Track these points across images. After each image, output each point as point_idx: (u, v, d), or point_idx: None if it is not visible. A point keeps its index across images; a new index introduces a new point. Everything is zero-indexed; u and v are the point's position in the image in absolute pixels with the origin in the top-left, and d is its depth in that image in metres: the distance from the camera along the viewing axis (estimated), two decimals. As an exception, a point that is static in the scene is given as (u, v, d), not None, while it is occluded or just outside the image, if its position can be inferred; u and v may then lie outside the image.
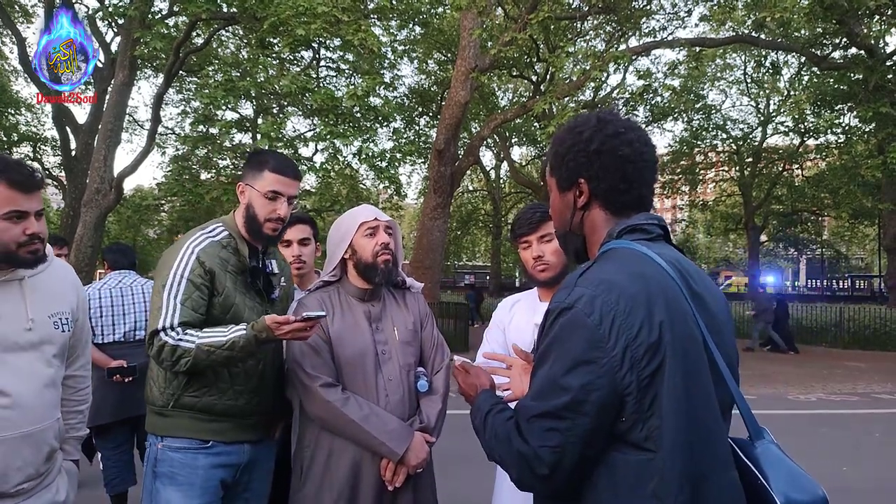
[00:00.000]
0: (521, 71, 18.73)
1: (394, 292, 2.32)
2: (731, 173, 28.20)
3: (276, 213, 2.12)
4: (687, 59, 17.29)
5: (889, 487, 4.90)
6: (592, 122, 1.32)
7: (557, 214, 1.41)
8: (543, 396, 1.16)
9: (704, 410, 1.14)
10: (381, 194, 24.45)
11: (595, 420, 1.12)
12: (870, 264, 45.96)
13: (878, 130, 13.87)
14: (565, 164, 1.34)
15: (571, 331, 1.15)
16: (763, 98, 26.31)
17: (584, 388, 1.11)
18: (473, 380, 1.54)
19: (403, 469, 2.04)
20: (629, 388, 1.11)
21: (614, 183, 1.29)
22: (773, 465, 1.17)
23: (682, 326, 1.14)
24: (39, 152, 21.47)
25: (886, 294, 21.84)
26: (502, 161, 28.54)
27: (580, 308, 1.14)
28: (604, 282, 1.16)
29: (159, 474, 2.04)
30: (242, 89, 12.02)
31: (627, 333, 1.11)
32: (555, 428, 1.14)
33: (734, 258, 45.48)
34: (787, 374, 11.21)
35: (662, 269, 1.20)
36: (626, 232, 1.28)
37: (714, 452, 1.14)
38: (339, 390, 2.07)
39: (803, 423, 7.32)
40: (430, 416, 2.16)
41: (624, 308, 1.12)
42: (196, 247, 2.06)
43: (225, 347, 1.92)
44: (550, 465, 1.14)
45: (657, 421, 1.10)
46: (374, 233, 2.18)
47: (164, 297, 1.98)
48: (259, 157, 2.20)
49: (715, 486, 1.12)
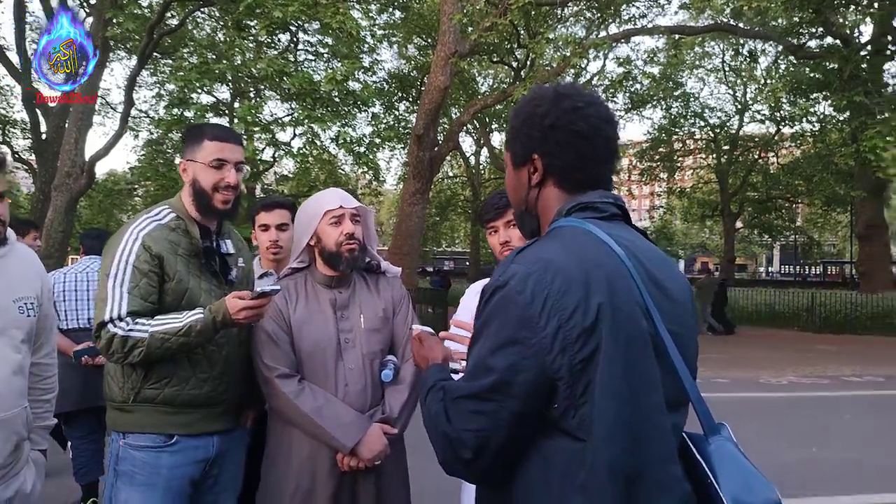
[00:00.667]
0: (502, 57, 18.67)
1: (367, 277, 2.26)
2: (708, 161, 28.53)
3: (226, 181, 2.01)
4: (666, 47, 17.38)
5: (857, 468, 5.02)
6: (549, 96, 1.24)
7: (512, 192, 1.34)
8: (471, 376, 1.11)
9: (645, 401, 1.05)
10: (359, 180, 24.29)
11: (522, 403, 1.06)
12: (842, 251, 46.83)
13: (852, 119, 14.08)
14: (519, 138, 1.27)
15: (502, 309, 1.09)
16: (740, 86, 26.59)
17: (511, 368, 1.05)
18: (426, 352, 1.47)
19: (358, 462, 2.00)
20: (560, 373, 1.04)
21: (569, 160, 1.22)
22: (726, 463, 1.09)
23: (625, 312, 1.06)
24: (8, 135, 20.94)
25: (857, 280, 22.30)
26: (482, 147, 28.52)
27: (512, 286, 1.08)
28: (540, 260, 1.09)
29: (120, 473, 1.94)
30: (218, 72, 11.82)
31: (560, 314, 1.04)
32: (479, 411, 1.08)
33: (710, 244, 46.05)
34: (760, 357, 11.41)
35: (610, 248, 1.11)
36: (576, 209, 1.21)
37: (654, 446, 1.06)
38: (296, 381, 2.02)
39: (775, 406, 7.47)
40: (393, 407, 2.10)
41: (559, 288, 1.05)
42: (140, 231, 1.95)
43: (180, 333, 1.83)
44: (474, 450, 1.08)
45: (589, 409, 1.04)
46: (339, 221, 2.11)
47: (109, 286, 1.86)
48: (195, 129, 2.11)
49: (652, 482, 1.05)
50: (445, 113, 19.16)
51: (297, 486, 2.00)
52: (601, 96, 1.28)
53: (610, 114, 1.25)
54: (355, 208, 2.16)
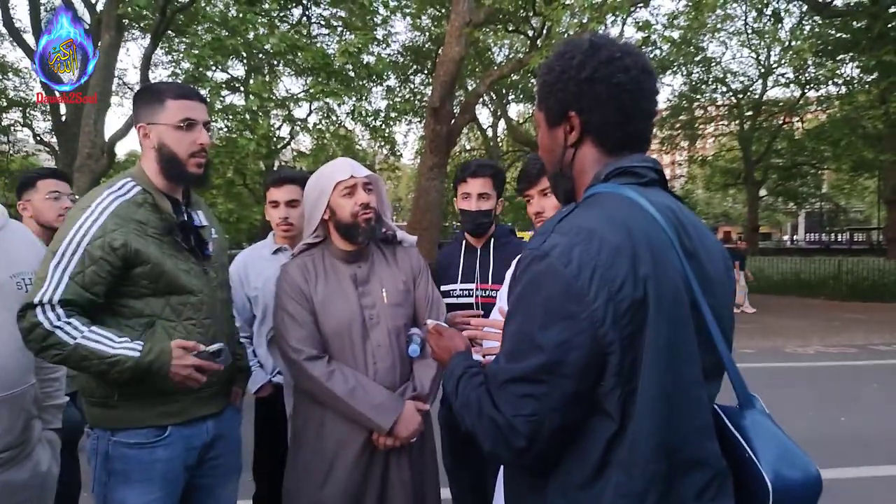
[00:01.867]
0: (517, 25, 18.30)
1: (384, 249, 2.20)
2: (730, 127, 27.98)
3: (199, 143, 1.84)
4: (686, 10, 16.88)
5: (887, 437, 4.94)
6: (584, 47, 1.15)
7: (546, 153, 1.26)
8: (515, 357, 1.04)
9: (687, 376, 1.02)
10: (377, 155, 24.19)
11: (575, 383, 1.00)
12: (869, 217, 45.89)
13: (881, 80, 13.65)
14: (553, 94, 1.18)
15: (545, 282, 1.01)
16: (763, 49, 25.88)
17: (561, 345, 0.98)
18: (447, 342, 1.42)
19: (395, 441, 1.98)
20: (612, 347, 0.98)
21: (609, 116, 1.13)
22: (763, 437, 1.04)
23: (668, 283, 1.01)
24: (29, 117, 21.16)
25: (885, 246, 21.83)
26: (499, 119, 28.18)
27: (555, 257, 1.01)
28: (584, 229, 1.02)
29: (113, 472, 1.81)
30: (231, 48, 11.74)
31: (610, 286, 0.98)
32: (530, 394, 1.01)
33: (733, 213, 45.38)
34: (786, 326, 11.25)
35: (652, 217, 1.06)
36: (614, 174, 1.14)
37: (692, 420, 1.03)
38: (325, 363, 1.98)
39: (801, 376, 7.34)
40: (423, 383, 2.07)
41: (606, 259, 0.99)
42: (103, 210, 1.74)
43: (106, 360, 1.65)
44: (528, 437, 1.01)
45: (634, 385, 0.99)
46: (351, 192, 2.04)
47: (52, 265, 1.66)
48: (150, 89, 1.88)
49: (690, 457, 1.02)
50: (461, 85, 18.92)
51: (330, 465, 1.98)
52: (637, 46, 1.18)
53: (650, 65, 1.16)
54: (366, 177, 2.09)
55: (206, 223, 2.01)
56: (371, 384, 1.99)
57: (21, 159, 24.01)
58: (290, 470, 2.08)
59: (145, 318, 1.79)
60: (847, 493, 3.91)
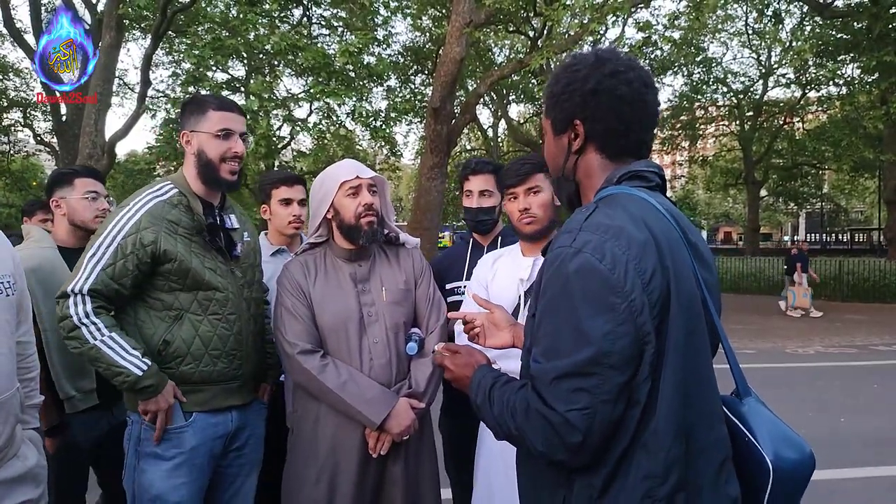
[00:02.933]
0: (518, 26, 18.30)
1: (386, 249, 2.22)
2: (731, 128, 27.93)
3: (233, 151, 2.00)
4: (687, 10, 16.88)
5: (888, 437, 4.93)
6: (590, 60, 1.23)
7: (552, 159, 1.34)
8: (560, 353, 1.07)
9: (701, 364, 1.10)
10: (377, 155, 24.20)
11: (622, 373, 1.04)
12: (869, 217, 45.87)
13: (881, 80, 13.65)
14: (560, 104, 1.26)
15: (583, 276, 1.06)
16: (764, 50, 25.87)
17: (608, 336, 1.03)
18: (466, 359, 1.41)
19: (387, 437, 1.98)
20: (648, 337, 1.05)
21: (611, 125, 1.22)
22: (761, 422, 1.13)
23: (685, 277, 1.10)
24: (30, 118, 21.16)
25: (886, 247, 21.82)
26: (500, 119, 28.16)
27: (590, 253, 1.07)
28: (611, 227, 1.09)
29: (143, 454, 1.93)
30: (231, 48, 11.74)
31: (642, 278, 1.05)
32: (582, 388, 1.04)
33: (734, 214, 45.37)
34: (786, 327, 11.25)
35: (664, 216, 1.14)
36: (626, 178, 1.21)
37: (707, 407, 1.11)
38: (318, 357, 1.99)
39: (802, 376, 7.35)
40: (419, 381, 2.07)
41: (636, 253, 1.06)
42: (139, 208, 1.92)
43: (112, 368, 1.83)
44: (583, 430, 1.04)
45: (658, 373, 1.06)
46: (356, 192, 2.06)
47: (87, 257, 1.87)
48: (197, 100, 2.06)
49: (705, 441, 1.09)
50: (462, 85, 18.92)
51: (324, 462, 1.99)
52: (639, 61, 1.26)
53: (651, 79, 1.24)
54: (372, 178, 2.10)
55: (238, 226, 2.15)
56: (364, 379, 1.99)
57: (21, 160, 24.04)
58: (288, 467, 2.08)
59: (174, 311, 1.95)
60: (848, 493, 3.91)
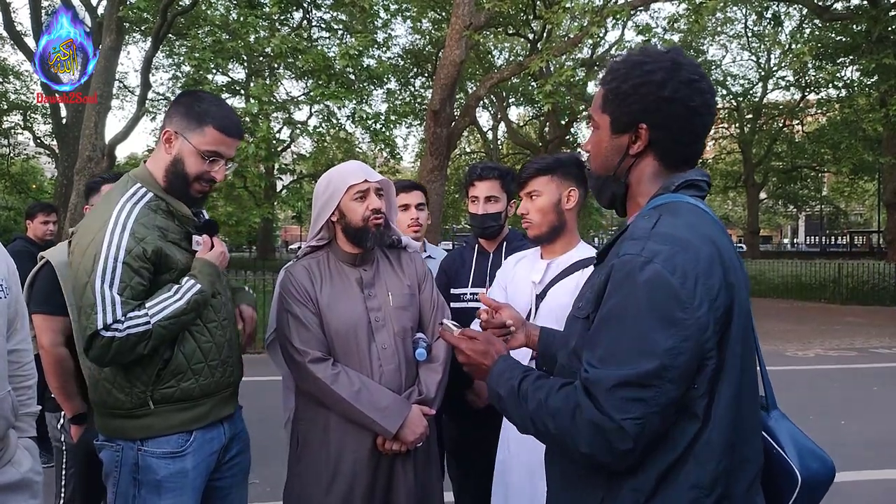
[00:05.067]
0: (518, 28, 18.33)
1: (388, 253, 2.20)
2: (730, 130, 27.93)
3: (211, 175, 1.86)
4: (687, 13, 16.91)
5: (888, 440, 4.93)
6: (666, 64, 1.17)
7: (602, 156, 1.27)
8: (622, 362, 1.05)
9: (751, 379, 1.13)
10: (377, 157, 24.22)
11: (678, 387, 1.04)
12: (869, 220, 45.88)
13: (881, 83, 13.67)
14: (626, 103, 1.20)
15: (653, 288, 1.05)
16: (764, 52, 25.91)
17: (671, 351, 1.02)
18: (484, 346, 1.38)
19: (401, 446, 1.97)
20: (711, 353, 1.05)
21: (679, 135, 1.19)
22: (787, 434, 1.17)
23: (742, 291, 1.11)
24: (30, 120, 21.19)
25: (885, 249, 21.82)
26: (500, 122, 28.18)
27: (661, 265, 1.05)
28: (679, 239, 1.07)
29: (144, 483, 1.80)
30: (231, 51, 11.76)
31: (710, 293, 1.04)
32: (639, 398, 1.03)
33: (733, 216, 45.39)
34: (786, 330, 11.24)
35: (722, 228, 1.15)
36: (683, 186, 1.19)
37: (751, 422, 1.14)
38: (329, 365, 1.97)
39: (802, 379, 7.34)
40: (429, 387, 2.06)
41: (704, 268, 1.05)
42: (126, 218, 1.73)
43: (188, 312, 1.75)
44: (635, 438, 1.04)
45: (717, 387, 1.07)
46: (364, 196, 2.03)
47: (97, 288, 1.67)
48: (198, 103, 1.85)
49: (747, 453, 1.12)
50: (461, 87, 18.92)
51: (335, 470, 1.96)
52: None
53: (713, 88, 1.22)
54: (379, 182, 2.08)
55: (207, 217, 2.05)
56: (376, 387, 1.97)
57: (21, 162, 24.04)
58: (293, 475, 2.06)
59: None
60: (849, 496, 3.91)
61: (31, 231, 4.69)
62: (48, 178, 27.04)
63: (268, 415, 2.11)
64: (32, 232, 4.68)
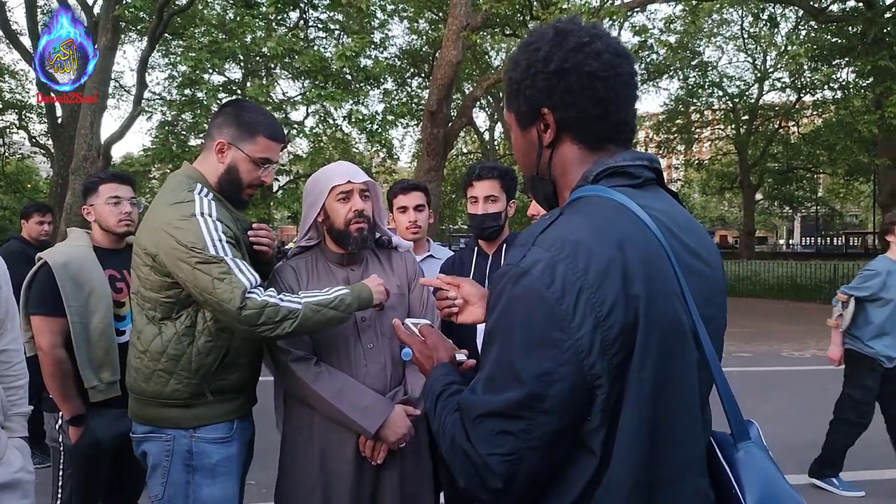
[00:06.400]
0: (514, 29, 18.35)
1: (378, 253, 2.20)
2: (726, 131, 28.02)
3: (262, 179, 1.99)
4: (683, 14, 16.94)
5: (882, 440, 4.94)
6: (549, 35, 1.03)
7: (522, 156, 1.13)
8: (492, 388, 0.93)
9: (678, 407, 0.93)
10: (373, 158, 24.21)
11: (557, 419, 0.89)
12: (864, 221, 46.04)
13: (876, 84, 13.69)
14: (522, 92, 1.07)
15: (526, 305, 0.91)
16: (760, 54, 25.97)
17: (542, 378, 0.88)
18: (428, 350, 1.30)
19: (382, 446, 1.97)
20: (599, 380, 0.88)
21: (585, 108, 1.02)
22: (752, 472, 0.95)
23: (662, 304, 0.91)
24: (25, 119, 21.10)
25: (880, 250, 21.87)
26: (496, 122, 28.21)
27: (536, 276, 0.90)
28: (568, 243, 0.91)
29: (198, 468, 1.88)
30: (228, 51, 11.74)
31: (597, 311, 0.87)
32: (507, 430, 0.90)
33: (729, 217, 45.48)
34: (782, 331, 11.27)
35: (645, 226, 0.94)
36: (604, 175, 1.01)
37: (681, 457, 0.94)
38: (312, 364, 1.97)
39: (798, 380, 7.34)
40: (414, 387, 2.05)
41: (593, 279, 0.88)
42: (210, 209, 1.81)
43: (331, 305, 1.84)
44: (504, 478, 0.91)
45: (617, 419, 0.90)
46: (347, 197, 2.03)
47: (227, 256, 1.74)
48: (247, 115, 1.96)
49: (676, 496, 0.94)
50: (458, 88, 18.95)
51: (319, 470, 1.96)
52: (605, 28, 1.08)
53: (621, 46, 1.04)
54: (364, 183, 2.07)
55: None
56: (359, 386, 1.97)
57: (16, 162, 23.95)
58: (282, 474, 2.06)
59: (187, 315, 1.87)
60: (844, 497, 3.92)
61: (26, 231, 4.68)
62: (43, 178, 26.94)
63: (261, 416, 2.10)
64: (27, 232, 4.67)
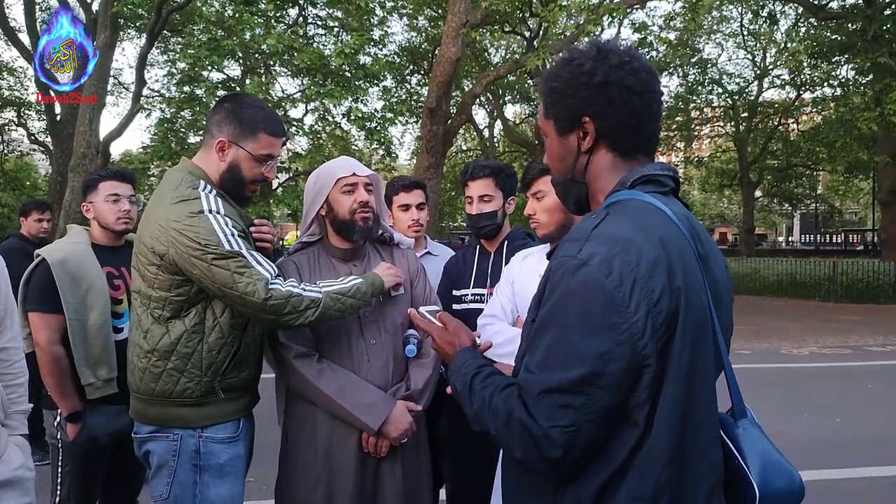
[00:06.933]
0: (514, 26, 18.35)
1: (380, 249, 2.21)
2: (726, 129, 28.00)
3: (263, 175, 1.96)
4: (683, 11, 16.93)
5: (882, 438, 4.95)
6: (592, 53, 1.17)
7: (557, 161, 1.25)
8: (552, 367, 1.04)
9: (702, 390, 1.06)
10: (372, 155, 24.20)
11: (613, 395, 1.01)
12: (863, 218, 46.07)
13: (876, 82, 13.71)
14: (564, 101, 1.18)
15: (585, 292, 1.02)
16: (759, 51, 25.96)
17: (602, 357, 0.99)
18: (450, 336, 1.39)
19: (385, 442, 1.97)
20: (649, 360, 1.01)
21: (623, 120, 1.15)
22: (753, 446, 1.09)
23: (695, 296, 1.05)
24: (24, 117, 21.07)
25: (879, 248, 21.91)
26: (496, 120, 28.17)
27: (595, 267, 1.01)
28: (621, 239, 1.03)
29: (206, 468, 1.86)
30: (227, 48, 11.71)
31: (649, 298, 1.00)
32: (568, 404, 1.01)
33: (729, 214, 45.49)
34: (781, 328, 11.28)
35: (678, 227, 1.09)
36: (639, 182, 1.15)
37: (705, 434, 1.07)
38: (314, 361, 1.97)
39: (797, 377, 7.36)
40: (416, 383, 2.06)
41: (645, 270, 1.01)
42: (216, 202, 1.80)
43: (349, 294, 1.87)
44: (563, 447, 1.02)
45: (658, 396, 1.02)
46: (352, 189, 2.04)
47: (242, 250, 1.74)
48: (247, 112, 1.93)
49: (699, 465, 1.06)
50: (458, 85, 18.92)
51: (322, 466, 1.96)
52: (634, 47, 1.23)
53: (652, 67, 1.19)
54: (368, 176, 2.09)
55: None
56: (361, 383, 1.97)
57: (15, 159, 23.93)
58: (283, 471, 2.07)
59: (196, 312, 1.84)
60: (844, 493, 3.92)
61: (25, 228, 4.68)
62: (42, 175, 26.92)
63: (262, 412, 2.10)
64: (26, 229, 4.67)
